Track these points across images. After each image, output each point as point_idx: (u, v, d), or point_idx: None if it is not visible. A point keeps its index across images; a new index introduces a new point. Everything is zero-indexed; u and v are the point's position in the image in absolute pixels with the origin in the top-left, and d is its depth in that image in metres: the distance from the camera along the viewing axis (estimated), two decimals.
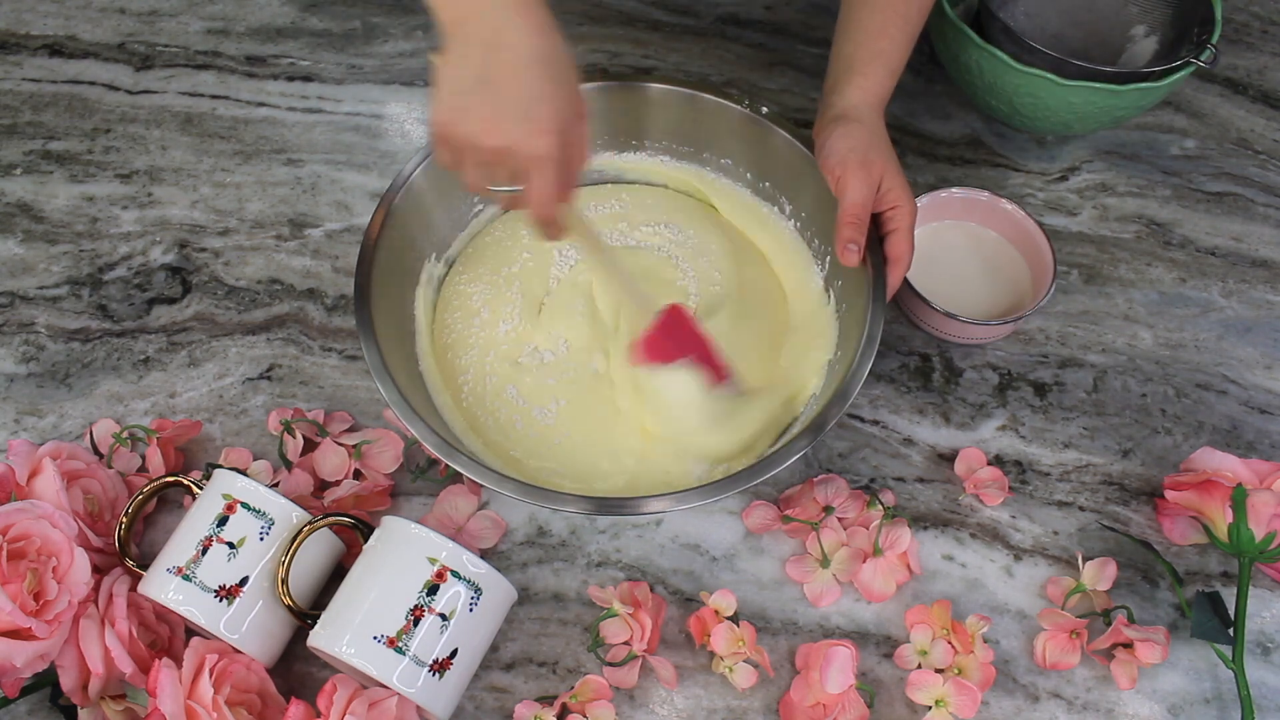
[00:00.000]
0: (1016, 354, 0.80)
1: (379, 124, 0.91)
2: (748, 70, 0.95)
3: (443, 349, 0.75)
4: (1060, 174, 0.90)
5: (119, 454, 0.72)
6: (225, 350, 0.79)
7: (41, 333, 0.79)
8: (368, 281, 0.69)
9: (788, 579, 0.70)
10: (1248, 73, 0.97)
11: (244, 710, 0.60)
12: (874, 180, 0.68)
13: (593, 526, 0.71)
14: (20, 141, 0.89)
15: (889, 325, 0.80)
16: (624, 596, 0.67)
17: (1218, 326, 0.82)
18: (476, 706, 0.65)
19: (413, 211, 0.74)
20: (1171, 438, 0.76)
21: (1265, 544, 0.66)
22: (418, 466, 0.73)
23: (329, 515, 0.64)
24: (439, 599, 0.60)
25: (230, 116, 0.91)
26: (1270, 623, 0.69)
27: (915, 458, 0.75)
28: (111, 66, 0.94)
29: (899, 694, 0.66)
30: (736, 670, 0.65)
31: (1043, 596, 0.70)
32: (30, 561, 0.60)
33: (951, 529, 0.72)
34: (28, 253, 0.83)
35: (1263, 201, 0.89)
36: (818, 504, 0.70)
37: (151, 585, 0.63)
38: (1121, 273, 0.84)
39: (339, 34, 0.97)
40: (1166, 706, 0.66)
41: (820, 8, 1.00)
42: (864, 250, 0.68)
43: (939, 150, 0.91)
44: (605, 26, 0.98)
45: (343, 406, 0.76)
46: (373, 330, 0.67)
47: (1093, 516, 0.73)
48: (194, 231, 0.85)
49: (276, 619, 0.63)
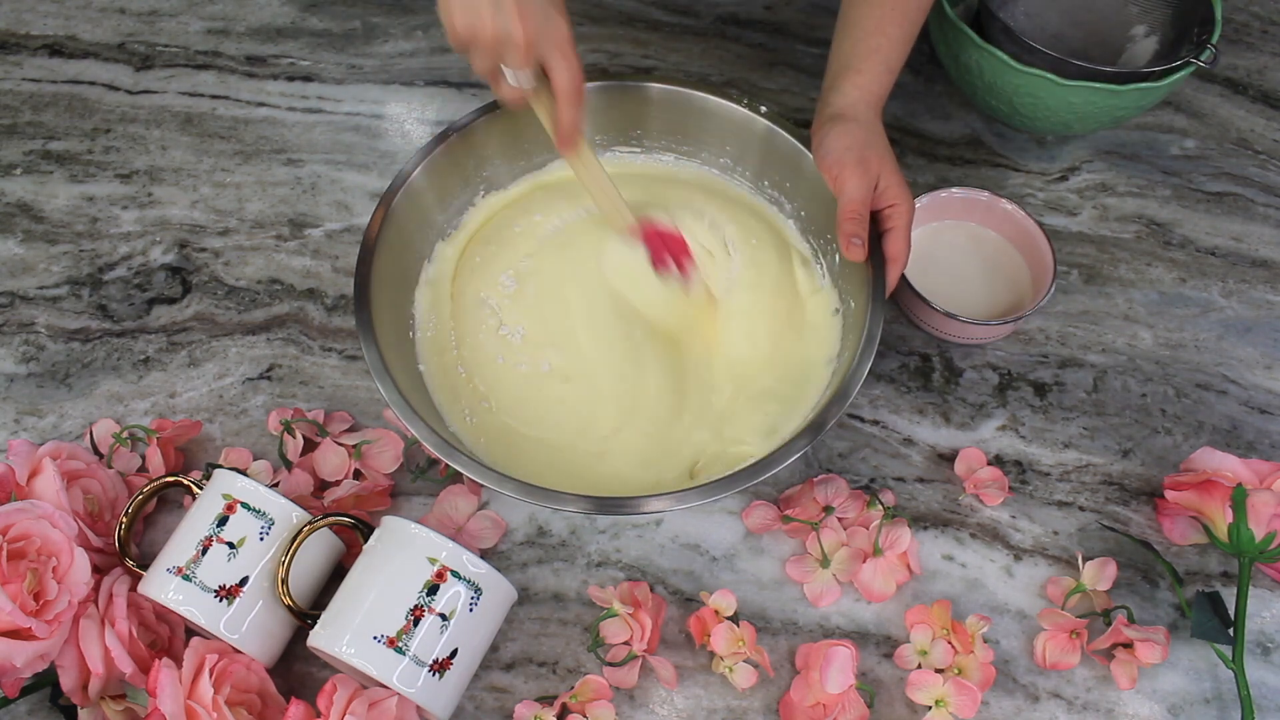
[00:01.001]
0: (1016, 354, 0.80)
1: (379, 124, 0.91)
2: (748, 70, 0.95)
3: (443, 347, 0.75)
4: (1060, 174, 0.90)
5: (119, 454, 0.72)
6: (225, 350, 0.79)
7: (41, 333, 0.79)
8: (367, 281, 0.69)
9: (788, 579, 0.70)
10: (1248, 73, 0.97)
11: (244, 710, 0.60)
12: (871, 178, 0.69)
13: (593, 526, 0.71)
14: (20, 141, 0.89)
15: (889, 325, 0.80)
16: (624, 596, 0.67)
17: (1218, 326, 0.82)
18: (476, 706, 0.65)
19: (412, 211, 0.74)
20: (1171, 438, 0.76)
21: (1265, 544, 0.66)
22: (418, 466, 0.73)
23: (329, 515, 0.64)
24: (439, 599, 0.60)
25: (230, 116, 0.91)
26: (1270, 623, 0.69)
27: (915, 458, 0.75)
28: (111, 66, 0.94)
29: (899, 694, 0.66)
30: (736, 670, 0.65)
31: (1043, 596, 0.70)
32: (30, 561, 0.60)
33: (951, 529, 0.72)
34: (28, 253, 0.83)
35: (1263, 201, 0.89)
36: (818, 504, 0.70)
37: (151, 585, 0.63)
38: (1121, 273, 0.84)
39: (339, 34, 0.97)
40: (1166, 706, 0.66)
41: (820, 8, 1.00)
42: (867, 244, 0.68)
43: (939, 150, 0.91)
44: (605, 26, 0.98)
45: (343, 406, 0.76)
46: (372, 330, 0.67)
47: (1093, 516, 0.73)
48: (194, 231, 0.85)
49: (276, 619, 0.63)
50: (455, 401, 0.72)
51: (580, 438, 0.71)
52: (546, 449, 0.71)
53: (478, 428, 0.72)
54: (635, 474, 0.70)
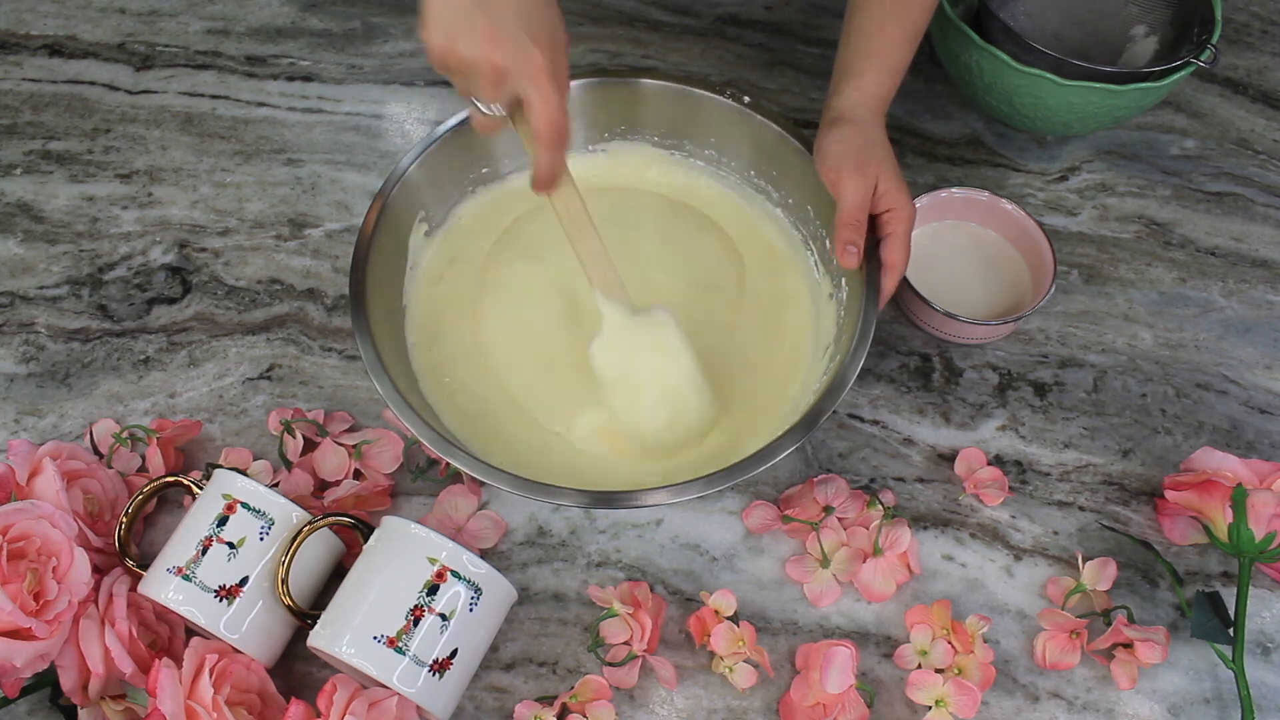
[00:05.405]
0: (1016, 354, 0.80)
1: (379, 124, 0.91)
2: (748, 70, 0.95)
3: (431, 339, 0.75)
4: (1060, 174, 0.90)
5: (119, 454, 0.72)
6: (225, 350, 0.79)
7: (41, 333, 0.79)
8: (363, 279, 0.69)
9: (788, 579, 0.70)
10: (1248, 73, 0.97)
11: (244, 710, 0.60)
12: (869, 182, 0.68)
13: (593, 526, 0.71)
14: (20, 141, 0.89)
15: (889, 325, 0.80)
16: (624, 596, 0.67)
17: (1218, 326, 0.82)
18: (476, 706, 0.65)
19: (408, 209, 0.74)
20: (1171, 438, 0.76)
21: (1265, 544, 0.66)
22: (418, 466, 0.73)
23: (329, 515, 0.64)
24: (439, 599, 0.60)
25: (230, 116, 0.91)
26: (1270, 623, 0.69)
27: (915, 458, 0.75)
28: (111, 66, 0.94)
29: (899, 694, 0.66)
30: (736, 670, 0.65)
31: (1043, 596, 0.70)
32: (30, 561, 0.60)
33: (951, 529, 0.72)
34: (28, 253, 0.83)
35: (1263, 201, 0.89)
36: (818, 504, 0.70)
37: (151, 585, 0.63)
38: (1121, 273, 0.84)
39: (339, 34, 0.97)
40: (1166, 706, 0.66)
41: (820, 8, 1.00)
42: (863, 252, 0.68)
43: (939, 150, 0.91)
44: (605, 26, 0.98)
45: (343, 406, 0.76)
46: (369, 328, 0.67)
47: (1093, 516, 0.73)
48: (194, 231, 0.85)
49: (276, 619, 0.63)
50: (450, 400, 0.73)
51: (571, 433, 0.71)
52: (537, 445, 0.71)
53: (472, 425, 0.72)
54: (629, 466, 0.70)
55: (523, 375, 0.73)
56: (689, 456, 0.71)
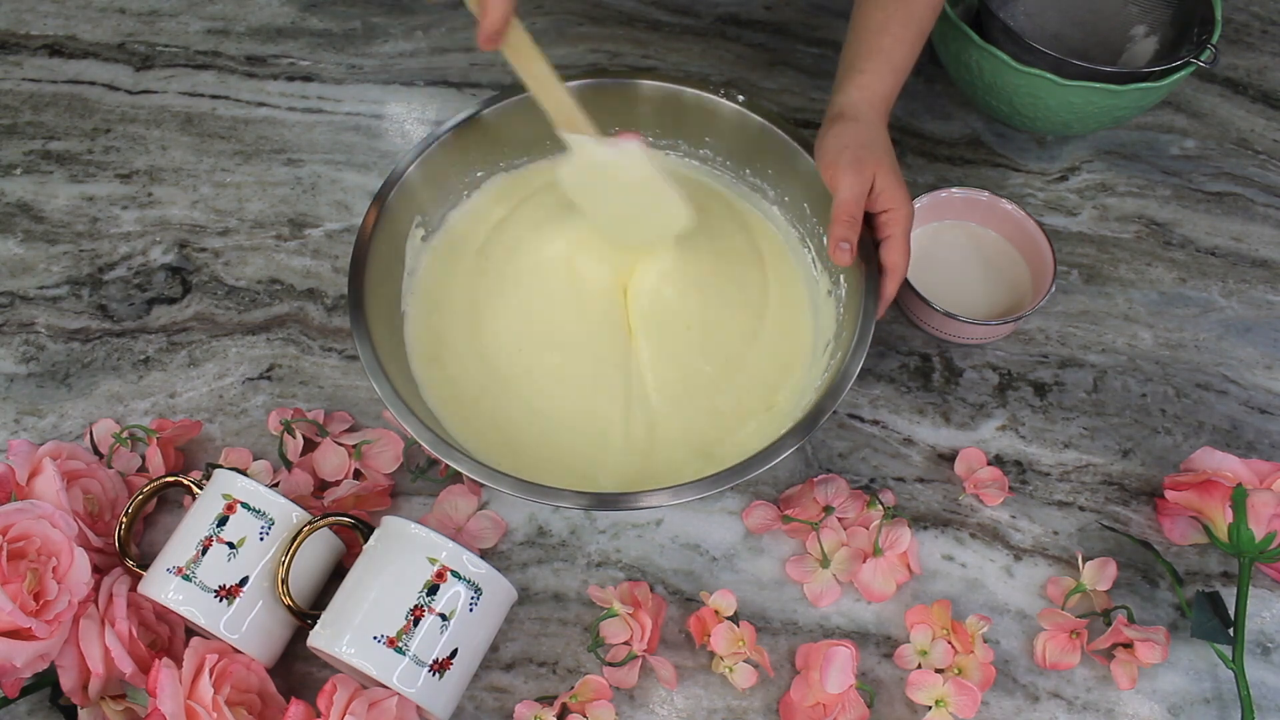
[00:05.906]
0: (1016, 354, 0.80)
1: (379, 124, 0.91)
2: (748, 70, 0.95)
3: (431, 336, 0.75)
4: (1060, 174, 0.90)
5: (119, 454, 0.72)
6: (225, 350, 0.79)
7: (41, 333, 0.79)
8: (361, 280, 0.69)
9: (788, 579, 0.70)
10: (1248, 73, 0.97)
11: (244, 710, 0.60)
12: (865, 179, 0.67)
13: (593, 526, 0.71)
14: (20, 141, 0.89)
15: (889, 325, 0.80)
16: (624, 596, 0.67)
17: (1218, 326, 0.82)
18: (476, 706, 0.65)
19: (406, 209, 0.74)
20: (1171, 438, 0.76)
21: (1265, 544, 0.66)
22: (418, 466, 0.73)
23: (329, 515, 0.64)
24: (439, 599, 0.60)
25: (230, 116, 0.91)
26: (1270, 623, 0.69)
27: (915, 458, 0.75)
28: (111, 66, 0.94)
29: (899, 694, 0.66)
30: (736, 670, 0.65)
31: (1043, 596, 0.70)
32: (30, 561, 0.60)
33: (951, 529, 0.72)
34: (28, 253, 0.83)
35: (1263, 201, 0.89)
36: (818, 504, 0.70)
37: (151, 585, 0.63)
38: (1121, 273, 0.84)
39: (339, 34, 0.97)
40: (1166, 706, 0.66)
41: (820, 8, 1.00)
42: (856, 249, 0.67)
43: (939, 150, 0.91)
44: (605, 26, 0.98)
45: (343, 406, 0.76)
46: (367, 329, 0.67)
47: (1093, 516, 0.73)
48: (194, 231, 0.85)
49: (276, 619, 0.63)
50: (450, 402, 0.73)
51: (573, 433, 0.71)
52: (539, 446, 0.71)
53: (471, 427, 0.72)
54: (636, 463, 0.70)
55: (522, 374, 0.73)
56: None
